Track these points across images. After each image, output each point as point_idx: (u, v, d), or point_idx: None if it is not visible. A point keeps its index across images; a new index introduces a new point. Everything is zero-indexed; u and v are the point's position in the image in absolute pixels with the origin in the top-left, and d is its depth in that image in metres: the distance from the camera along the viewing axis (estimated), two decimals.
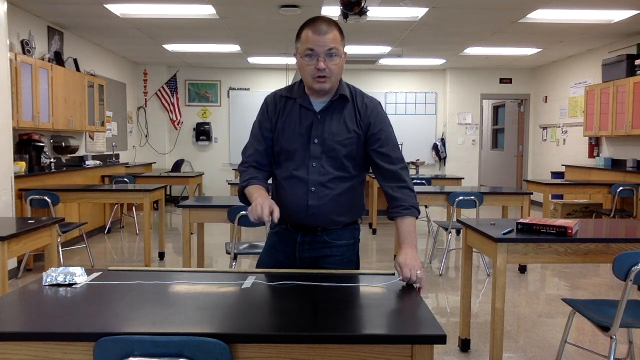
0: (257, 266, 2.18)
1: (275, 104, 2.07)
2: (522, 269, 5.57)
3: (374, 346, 1.38)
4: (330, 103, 2.02)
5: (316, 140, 1.99)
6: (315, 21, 1.93)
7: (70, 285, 1.77)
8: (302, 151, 2.00)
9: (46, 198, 5.02)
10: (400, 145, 2.13)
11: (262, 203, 1.83)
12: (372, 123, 2.02)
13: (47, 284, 1.78)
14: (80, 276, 1.81)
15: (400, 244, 1.94)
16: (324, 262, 1.99)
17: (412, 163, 9.15)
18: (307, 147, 2.00)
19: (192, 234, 4.71)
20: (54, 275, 1.79)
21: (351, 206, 2.07)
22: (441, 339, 1.36)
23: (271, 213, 1.81)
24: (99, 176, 7.61)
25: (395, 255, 6.04)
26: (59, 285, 1.77)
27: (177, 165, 10.45)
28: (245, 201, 2.01)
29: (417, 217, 2.01)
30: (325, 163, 2.00)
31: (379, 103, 2.10)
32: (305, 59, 1.93)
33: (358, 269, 2.17)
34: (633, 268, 2.34)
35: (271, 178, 2.14)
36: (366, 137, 2.02)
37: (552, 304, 4.50)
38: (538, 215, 6.33)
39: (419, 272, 1.78)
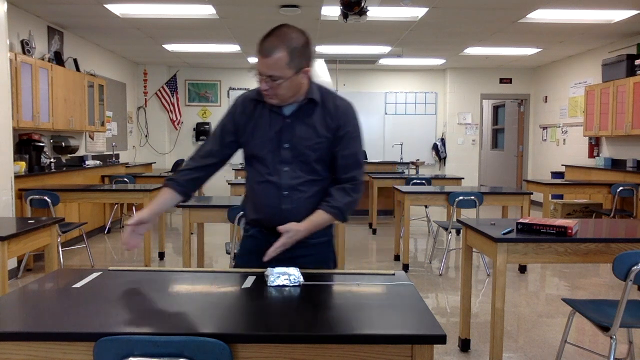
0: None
1: (244, 108, 2.04)
2: (522, 269, 5.58)
3: (374, 346, 1.38)
4: (299, 107, 1.99)
5: (286, 145, 1.98)
6: (264, 38, 1.86)
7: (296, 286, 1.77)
8: (273, 156, 1.99)
9: (46, 198, 5.02)
10: (400, 145, 2.14)
11: (131, 223, 1.94)
12: (339, 125, 1.99)
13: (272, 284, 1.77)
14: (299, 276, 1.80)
15: (304, 220, 1.97)
16: (301, 261, 1.96)
17: (412, 163, 9.15)
18: (277, 152, 1.99)
19: (192, 234, 4.71)
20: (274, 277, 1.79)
21: None
22: (441, 339, 1.36)
23: (128, 243, 1.95)
24: (99, 176, 7.61)
25: (395, 255, 6.04)
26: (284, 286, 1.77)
27: (177, 165, 10.44)
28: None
29: (340, 221, 2.03)
30: (297, 167, 1.99)
31: (352, 105, 2.06)
32: (256, 73, 1.91)
33: (336, 265, 2.18)
34: (633, 268, 2.34)
35: (245, 180, 2.15)
36: (334, 138, 2.00)
37: (552, 304, 4.50)
38: (538, 215, 6.33)
39: (290, 233, 1.90)
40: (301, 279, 1.79)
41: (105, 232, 7.58)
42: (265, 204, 2.03)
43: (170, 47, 8.84)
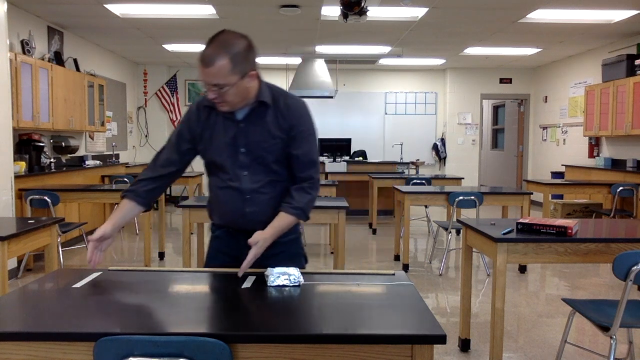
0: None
1: (199, 115, 2.03)
2: (522, 269, 5.58)
3: (374, 346, 1.38)
4: (250, 110, 1.98)
5: (243, 150, 1.98)
6: (205, 49, 1.83)
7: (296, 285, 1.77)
8: (232, 162, 1.99)
9: (46, 198, 5.02)
10: (400, 145, 2.14)
11: (93, 238, 1.93)
12: (292, 125, 1.99)
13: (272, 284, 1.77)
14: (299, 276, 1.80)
15: (267, 227, 1.97)
16: (271, 260, 1.94)
17: (412, 163, 9.15)
18: (235, 157, 1.99)
19: (192, 234, 4.71)
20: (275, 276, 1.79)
21: None
22: (441, 339, 1.36)
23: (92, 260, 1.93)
24: (99, 176, 7.61)
25: (395, 255, 6.04)
26: (284, 286, 1.76)
27: None
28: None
29: (303, 220, 2.04)
30: (256, 170, 2.00)
31: (304, 103, 2.05)
32: (203, 83, 1.90)
33: (307, 261, 2.18)
34: (633, 268, 2.34)
35: (208, 185, 2.16)
36: (287, 138, 2.00)
37: (552, 304, 4.50)
38: (538, 215, 6.33)
39: (259, 243, 1.90)
40: (301, 279, 1.79)
41: None
42: (229, 209, 2.04)
43: (170, 47, 8.84)
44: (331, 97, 9.15)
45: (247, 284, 1.80)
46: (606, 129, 7.98)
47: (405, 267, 5.56)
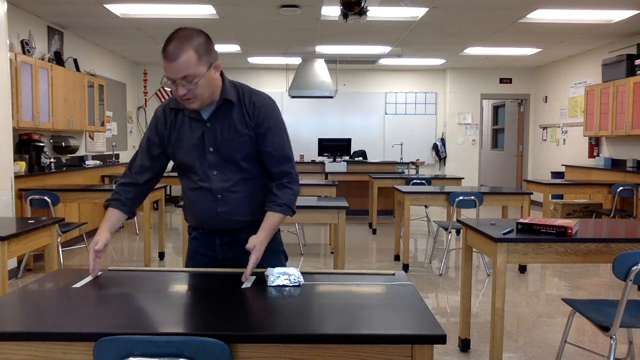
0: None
1: (166, 118, 2.02)
2: (522, 269, 5.58)
3: (374, 346, 1.38)
4: (216, 109, 1.98)
5: (211, 149, 1.97)
6: (167, 45, 1.81)
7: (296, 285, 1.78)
8: (201, 162, 1.99)
9: (46, 198, 5.02)
10: (400, 145, 2.15)
11: (93, 244, 1.90)
12: (259, 122, 1.99)
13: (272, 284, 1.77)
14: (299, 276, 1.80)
15: (259, 230, 1.97)
16: (248, 256, 1.93)
17: (412, 163, 9.16)
18: (204, 157, 1.98)
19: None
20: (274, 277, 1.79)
21: (261, 203, 2.04)
22: (441, 339, 1.36)
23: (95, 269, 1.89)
24: (99, 176, 7.61)
25: (395, 255, 6.04)
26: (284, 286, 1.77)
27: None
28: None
29: (290, 215, 2.04)
30: (226, 169, 1.99)
31: (269, 99, 2.05)
32: (169, 84, 1.88)
33: (287, 259, 2.18)
34: (633, 268, 2.34)
35: (180, 187, 2.15)
36: (256, 135, 1.99)
37: (552, 304, 4.50)
38: (538, 215, 6.33)
39: (256, 247, 1.89)
40: (301, 279, 1.79)
41: None
42: (202, 210, 2.03)
43: None
44: (331, 97, 9.15)
45: (247, 284, 1.80)
46: (606, 129, 7.98)
47: (405, 267, 5.56)
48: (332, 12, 6.37)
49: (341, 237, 4.09)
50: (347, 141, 9.48)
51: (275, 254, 2.10)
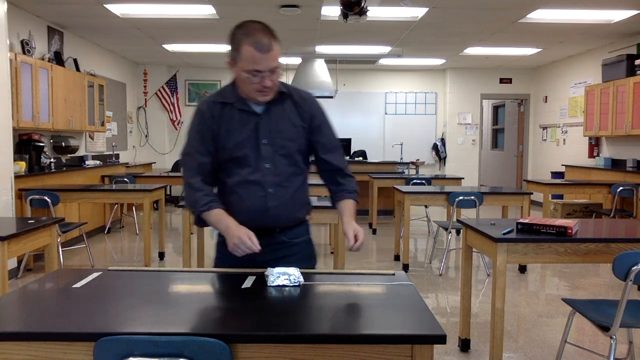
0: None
1: (212, 112, 1.99)
2: (522, 269, 5.57)
3: (374, 346, 1.38)
4: (269, 102, 1.99)
5: (265, 141, 1.97)
6: (255, 35, 1.84)
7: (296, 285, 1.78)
8: (253, 154, 1.97)
9: (46, 198, 5.02)
10: (400, 145, 2.18)
11: (245, 234, 1.85)
12: (313, 115, 2.05)
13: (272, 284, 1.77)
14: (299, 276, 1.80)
15: (344, 218, 2.02)
16: (285, 262, 1.93)
17: (412, 163, 9.15)
18: (257, 149, 1.97)
19: (192, 234, 4.71)
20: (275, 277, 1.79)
21: (305, 201, 2.12)
22: (441, 339, 1.36)
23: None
24: (99, 176, 7.61)
25: (395, 255, 6.04)
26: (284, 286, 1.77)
27: (177, 165, 10.44)
28: (205, 224, 2.00)
29: (357, 201, 2.10)
30: (279, 162, 1.99)
31: (314, 96, 2.13)
32: (249, 76, 1.88)
33: (316, 262, 2.19)
34: (633, 268, 2.34)
35: (217, 188, 2.07)
36: (310, 128, 2.04)
37: (552, 304, 4.50)
38: (538, 215, 6.33)
39: (359, 231, 1.94)
40: (301, 279, 1.79)
41: (105, 232, 7.58)
42: (250, 205, 1.98)
43: (170, 47, 8.84)
44: (331, 97, 9.14)
45: (247, 284, 1.80)
46: (606, 129, 7.98)
47: (405, 267, 5.56)
48: (332, 12, 6.37)
49: (341, 237, 4.08)
50: (347, 141, 9.48)
51: (311, 258, 2.14)
